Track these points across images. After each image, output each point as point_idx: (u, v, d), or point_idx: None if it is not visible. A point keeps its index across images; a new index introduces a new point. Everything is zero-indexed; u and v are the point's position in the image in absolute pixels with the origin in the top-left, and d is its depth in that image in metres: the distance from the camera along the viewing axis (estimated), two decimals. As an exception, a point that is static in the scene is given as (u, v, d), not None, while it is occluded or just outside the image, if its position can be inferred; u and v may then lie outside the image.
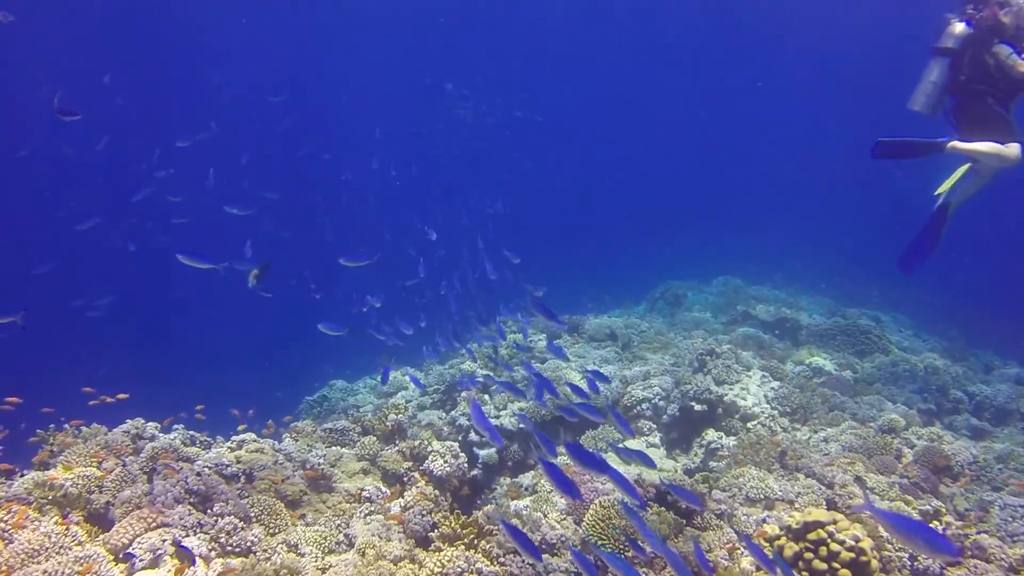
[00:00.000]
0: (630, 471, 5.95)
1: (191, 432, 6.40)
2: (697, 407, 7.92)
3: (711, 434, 7.61)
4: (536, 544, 4.68)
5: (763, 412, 7.87)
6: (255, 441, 5.76)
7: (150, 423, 6.02)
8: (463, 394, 8.50)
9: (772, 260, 20.53)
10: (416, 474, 6.23)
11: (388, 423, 6.51)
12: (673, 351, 10.13)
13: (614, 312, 14.71)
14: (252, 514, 4.90)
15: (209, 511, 4.77)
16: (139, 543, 4.23)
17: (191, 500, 4.81)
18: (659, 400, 8.02)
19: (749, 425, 7.81)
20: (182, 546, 4.18)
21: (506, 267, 9.51)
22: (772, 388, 8.21)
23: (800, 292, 17.21)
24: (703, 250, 24.19)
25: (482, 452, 7.76)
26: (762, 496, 5.67)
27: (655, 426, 7.95)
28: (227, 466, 5.37)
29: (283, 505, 5.18)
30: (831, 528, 4.12)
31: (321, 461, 5.91)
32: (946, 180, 5.57)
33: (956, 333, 15.08)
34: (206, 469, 5.26)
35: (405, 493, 5.39)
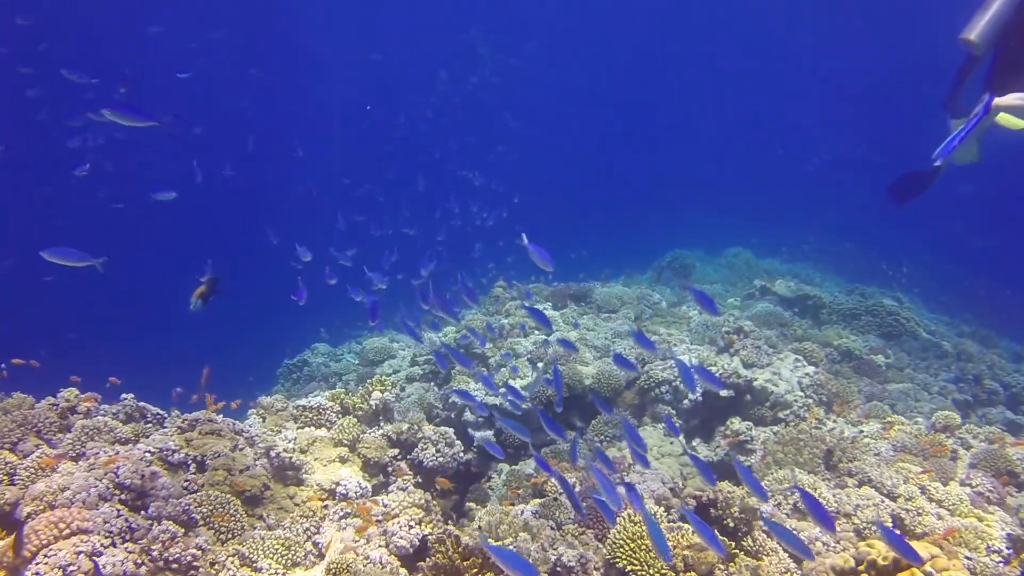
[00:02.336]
0: (663, 471, 5.04)
1: (142, 404, 5.42)
2: (723, 392, 7.01)
3: (737, 423, 6.71)
4: (552, 566, 3.76)
5: (796, 400, 6.97)
6: (210, 421, 4.78)
7: (84, 395, 5.04)
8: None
9: (773, 237, 19.84)
10: (403, 464, 5.29)
11: (372, 402, 5.53)
12: (689, 326, 9.21)
13: (617, 280, 13.78)
14: (199, 515, 3.95)
15: (144, 512, 3.82)
16: (45, 558, 3.27)
17: (122, 497, 3.85)
18: (680, 382, 7.10)
19: (781, 414, 6.92)
20: (96, 565, 3.23)
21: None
22: (807, 374, 7.30)
23: (811, 268, 16.38)
24: (704, 223, 23.47)
25: (478, 434, 6.85)
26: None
27: (674, 412, 7.04)
28: (173, 451, 4.40)
29: (240, 503, 4.24)
30: (928, 568, 3.21)
31: (291, 446, 4.96)
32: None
33: (970, 316, 14.26)
34: (147, 455, 4.29)
35: (388, 495, 4.44)
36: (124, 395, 5.62)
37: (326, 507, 4.32)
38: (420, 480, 5.30)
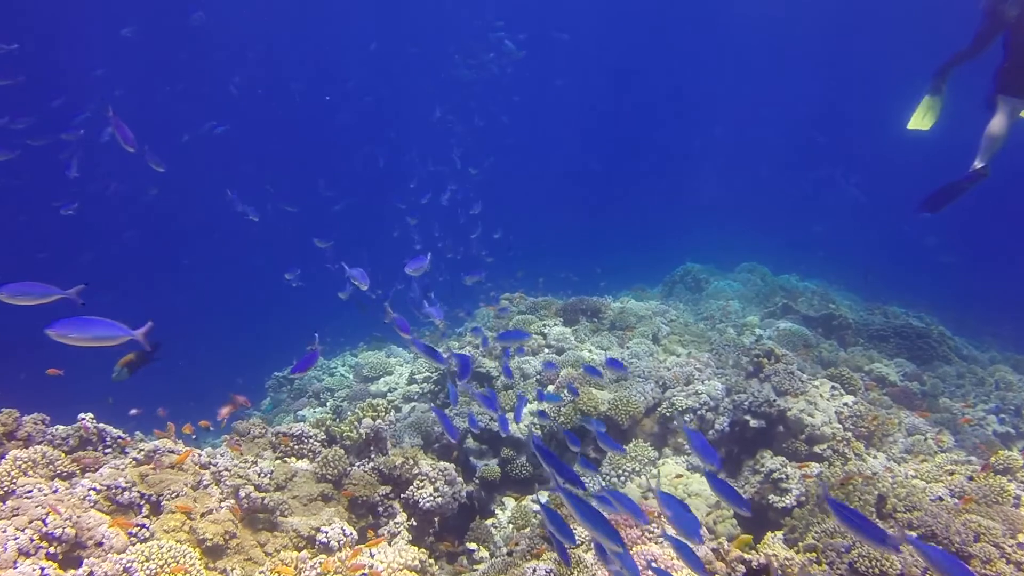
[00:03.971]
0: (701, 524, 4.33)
1: (101, 426, 4.73)
2: (753, 422, 6.31)
3: (770, 459, 6.00)
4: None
5: (834, 434, 6.27)
6: (171, 452, 4.08)
7: (31, 416, 4.35)
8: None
9: (784, 252, 19.37)
10: (396, 504, 4.59)
11: (361, 430, 4.83)
12: (709, 346, 8.52)
13: (622, 294, 13.09)
14: (144, 573, 3.25)
15: (77, 569, 3.12)
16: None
17: (50, 550, 3.15)
18: (706, 411, 6.40)
19: (817, 449, 6.22)
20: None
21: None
22: (845, 403, 6.60)
23: (827, 284, 15.71)
24: (713, 237, 23.02)
25: (481, 464, 6.15)
26: (877, 571, 4.07)
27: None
28: (124, 490, 3.71)
29: (199, 554, 3.54)
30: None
31: (266, 481, 4.26)
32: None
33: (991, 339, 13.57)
34: (91, 494, 3.60)
35: (377, 547, 3.72)
36: (82, 414, 4.95)
37: (303, 561, 3.61)
38: (415, 523, 4.60)
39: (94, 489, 3.63)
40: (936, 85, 6.24)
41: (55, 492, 3.55)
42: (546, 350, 7.31)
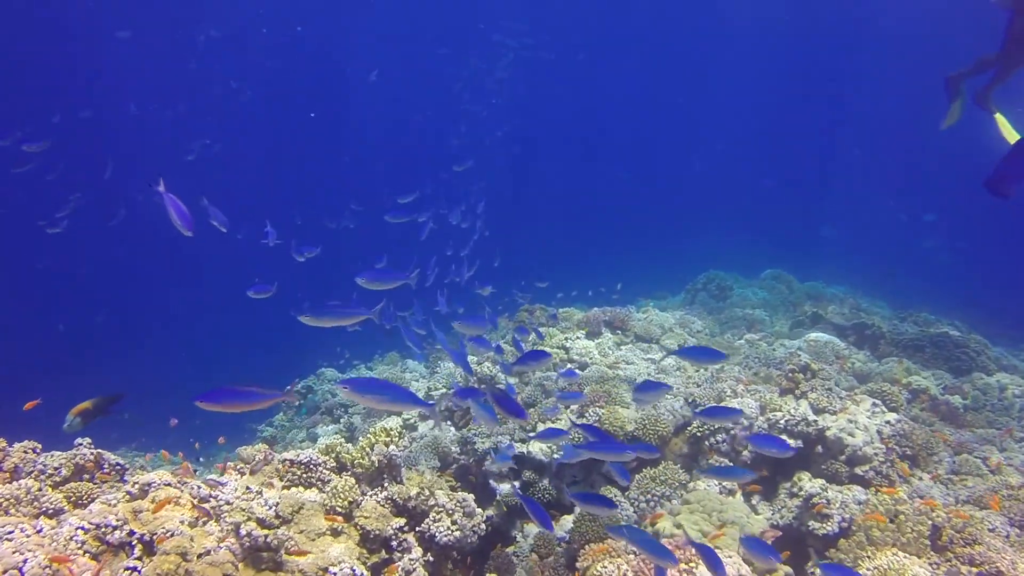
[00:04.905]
0: (731, 559, 3.96)
1: (99, 452, 4.45)
2: (790, 443, 5.94)
3: (809, 482, 5.62)
4: None
5: (877, 455, 5.87)
6: (167, 485, 3.78)
7: (20, 444, 4.08)
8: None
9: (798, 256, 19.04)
10: (411, 537, 4.26)
11: (374, 457, 4.50)
12: (738, 360, 8.14)
13: (643, 303, 12.72)
14: (134, 627, 2.95)
15: (58, 623, 2.83)
16: None
17: (29, 602, 2.86)
18: (739, 430, 6.03)
19: (859, 471, 5.83)
20: None
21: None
22: (887, 421, 6.20)
23: (852, 290, 15.28)
24: (726, 243, 22.72)
25: (502, 487, 5.82)
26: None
27: (731, 464, 5.97)
28: (114, 528, 3.41)
29: (195, 601, 3.23)
30: None
31: (271, 514, 3.95)
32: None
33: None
34: (78, 534, 3.31)
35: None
36: (79, 439, 4.67)
37: (308, 606, 3.29)
38: (431, 559, 4.27)
39: (82, 528, 3.34)
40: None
41: (39, 532, 3.26)
42: (569, 365, 6.97)
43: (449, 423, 6.58)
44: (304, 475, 4.46)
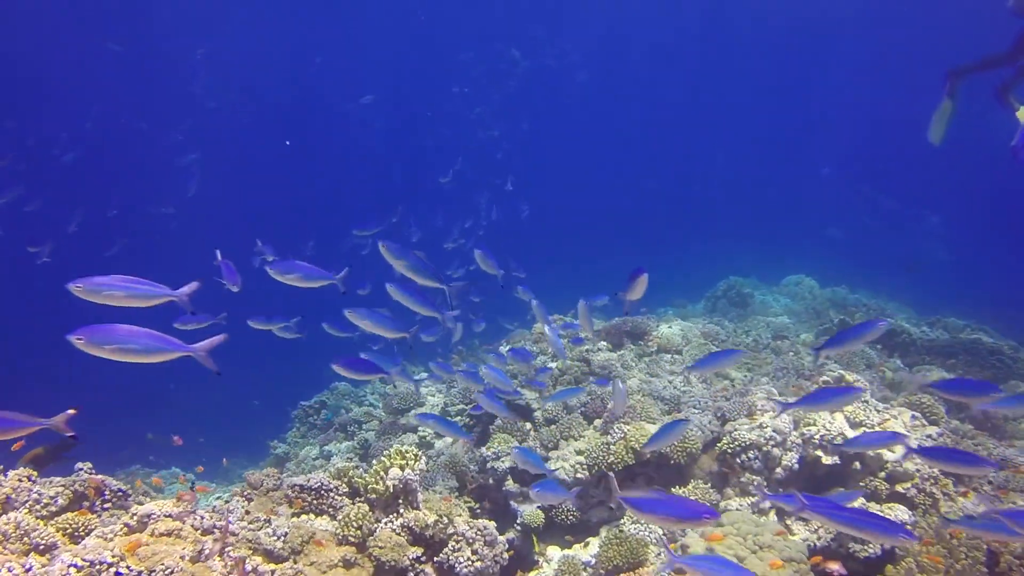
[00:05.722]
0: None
1: (101, 478, 4.23)
2: (826, 459, 5.63)
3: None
4: None
5: (918, 471, 5.55)
6: (167, 517, 3.53)
7: (15, 472, 3.85)
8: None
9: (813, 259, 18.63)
10: (428, 568, 3.99)
11: (388, 481, 4.23)
12: (767, 370, 7.82)
13: (663, 311, 12.42)
14: None
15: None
16: None
17: (13, 653, 2.62)
18: (772, 446, 5.71)
19: (900, 488, 5.50)
20: None
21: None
22: (928, 436, 5.87)
23: (875, 294, 14.87)
24: (746, 250, 22.37)
25: (523, 509, 5.53)
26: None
27: (764, 482, 5.66)
28: (109, 566, 3.17)
29: (196, 645, 2.98)
30: None
31: (279, 545, 3.70)
32: None
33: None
34: (71, 571, 3.07)
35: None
36: (79, 464, 4.47)
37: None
38: (451, 591, 4.00)
39: (74, 566, 3.09)
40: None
41: (28, 571, 3.02)
42: (590, 378, 6.68)
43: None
44: (315, 502, 4.21)
